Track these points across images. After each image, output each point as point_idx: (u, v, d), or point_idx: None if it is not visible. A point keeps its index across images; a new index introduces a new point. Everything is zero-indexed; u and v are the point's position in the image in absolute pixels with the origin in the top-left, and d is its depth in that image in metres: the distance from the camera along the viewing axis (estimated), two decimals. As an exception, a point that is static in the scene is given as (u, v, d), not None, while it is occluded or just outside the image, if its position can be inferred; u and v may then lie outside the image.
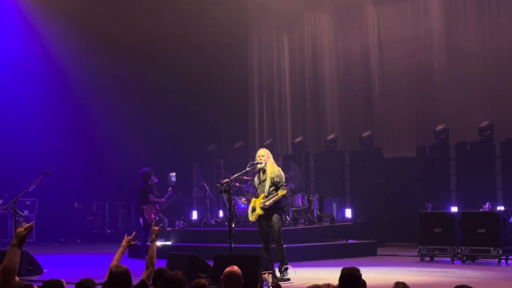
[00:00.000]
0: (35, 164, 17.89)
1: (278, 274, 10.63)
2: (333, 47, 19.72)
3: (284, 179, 11.17)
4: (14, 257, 4.86)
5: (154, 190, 15.23)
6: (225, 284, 6.13)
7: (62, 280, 5.56)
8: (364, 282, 6.09)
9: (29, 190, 12.93)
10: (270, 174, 11.05)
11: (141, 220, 15.33)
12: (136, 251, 14.87)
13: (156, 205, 15.11)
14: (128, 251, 15.04)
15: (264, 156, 11.17)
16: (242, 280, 6.21)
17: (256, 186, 11.27)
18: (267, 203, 10.91)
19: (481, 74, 16.96)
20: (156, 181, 15.43)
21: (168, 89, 20.39)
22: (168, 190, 15.53)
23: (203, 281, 6.04)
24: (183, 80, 20.37)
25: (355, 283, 5.49)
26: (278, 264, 10.96)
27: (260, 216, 11.04)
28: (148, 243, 14.55)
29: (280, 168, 11.26)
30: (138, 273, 6.97)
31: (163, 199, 15.22)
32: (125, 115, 20.35)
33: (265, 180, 11.08)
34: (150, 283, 6.58)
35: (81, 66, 20.20)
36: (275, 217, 10.96)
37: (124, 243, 7.35)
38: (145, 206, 15.00)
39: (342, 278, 5.51)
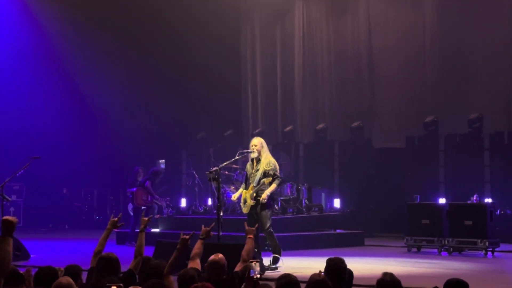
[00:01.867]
0: (24, 149, 17.81)
1: (265, 263, 10.65)
2: (325, 37, 19.68)
3: (278, 171, 11.10)
4: (6, 246, 4.87)
5: (154, 185, 15.34)
6: (209, 273, 6.14)
7: (61, 268, 5.55)
8: (350, 272, 6.12)
9: (17, 175, 12.89)
10: (265, 166, 10.98)
11: (130, 206, 15.29)
12: (125, 237, 14.86)
13: (149, 196, 15.08)
14: (117, 237, 15.05)
15: (257, 145, 11.06)
16: (226, 268, 6.22)
17: (248, 174, 11.20)
18: (264, 196, 10.82)
19: (471, 66, 16.98)
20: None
21: (159, 77, 20.31)
22: (166, 199, 15.66)
23: (191, 271, 6.04)
24: (175, 68, 20.30)
25: (340, 274, 5.51)
26: (271, 253, 11.09)
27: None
28: (137, 230, 14.59)
29: (275, 161, 11.21)
30: (126, 260, 6.97)
31: (157, 197, 15.30)
32: (115, 102, 20.26)
33: (258, 170, 11.02)
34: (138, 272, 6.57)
35: (72, 51, 20.09)
36: (267, 206, 10.98)
37: (109, 225, 7.16)
38: (135, 189, 14.95)
39: (327, 269, 5.53)
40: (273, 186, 10.95)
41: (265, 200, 10.84)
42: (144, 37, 20.12)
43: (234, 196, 11.57)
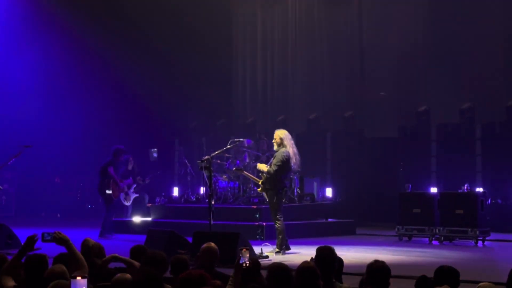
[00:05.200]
0: (16, 138, 17.75)
1: (257, 251, 10.69)
2: (317, 26, 19.68)
3: (279, 162, 11.34)
4: None
5: (117, 167, 14.69)
6: (202, 260, 6.19)
7: (45, 254, 5.56)
8: (340, 260, 6.15)
9: (9, 163, 12.86)
10: (274, 158, 11.47)
11: (121, 195, 15.09)
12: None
13: (119, 183, 14.61)
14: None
15: (275, 139, 11.55)
16: (219, 256, 6.27)
17: None
18: (261, 167, 11.57)
19: (463, 56, 17.01)
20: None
21: (152, 65, 20.25)
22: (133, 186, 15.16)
23: (184, 256, 6.12)
24: (167, 56, 20.24)
25: (330, 263, 5.54)
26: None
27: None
28: (115, 218, 14.44)
29: (285, 153, 11.44)
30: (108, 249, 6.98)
31: (122, 185, 14.80)
32: (108, 90, 20.21)
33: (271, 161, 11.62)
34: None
35: (64, 41, 20.02)
36: (270, 196, 11.38)
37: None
38: (112, 179, 14.57)
39: (317, 258, 5.56)
40: (265, 167, 11.45)
41: (260, 168, 11.60)
42: (136, 26, 20.04)
43: None
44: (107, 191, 14.27)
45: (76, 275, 4.20)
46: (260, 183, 11.55)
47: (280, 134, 11.57)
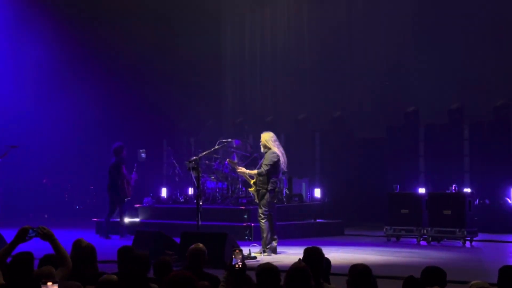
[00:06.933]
0: (3, 138, 17.63)
1: (245, 252, 10.68)
2: (305, 26, 19.71)
3: (270, 162, 11.34)
4: None
5: (126, 164, 14.69)
6: (190, 260, 6.18)
7: (31, 253, 5.53)
8: (328, 261, 6.15)
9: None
10: (264, 159, 11.47)
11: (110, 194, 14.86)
12: (100, 227, 14.63)
13: (131, 182, 14.57)
14: (96, 227, 14.96)
15: (261, 141, 11.53)
16: (207, 257, 6.26)
17: None
18: (243, 169, 11.76)
19: (452, 57, 17.06)
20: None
21: (140, 65, 20.21)
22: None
23: (167, 258, 6.11)
24: (155, 56, 20.21)
25: (317, 264, 5.53)
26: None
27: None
28: (116, 220, 14.40)
29: (275, 153, 11.41)
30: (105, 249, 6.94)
31: (133, 178, 14.71)
32: (96, 91, 20.13)
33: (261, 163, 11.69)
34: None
35: (51, 41, 19.92)
36: (261, 195, 11.37)
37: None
38: (125, 179, 14.41)
39: (305, 259, 5.56)
40: (253, 171, 11.55)
41: (240, 171, 11.86)
42: (124, 26, 19.98)
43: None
44: (124, 193, 14.20)
45: (47, 281, 4.17)
46: (252, 183, 11.55)
47: (266, 136, 11.57)
